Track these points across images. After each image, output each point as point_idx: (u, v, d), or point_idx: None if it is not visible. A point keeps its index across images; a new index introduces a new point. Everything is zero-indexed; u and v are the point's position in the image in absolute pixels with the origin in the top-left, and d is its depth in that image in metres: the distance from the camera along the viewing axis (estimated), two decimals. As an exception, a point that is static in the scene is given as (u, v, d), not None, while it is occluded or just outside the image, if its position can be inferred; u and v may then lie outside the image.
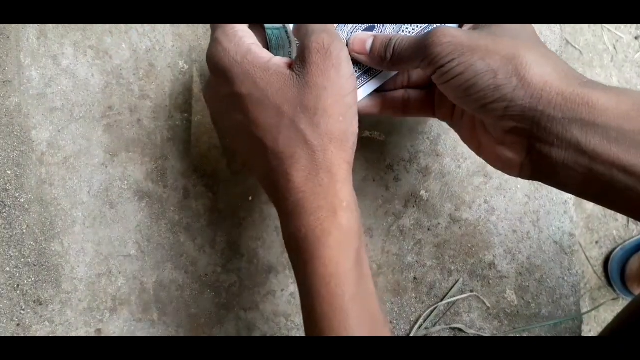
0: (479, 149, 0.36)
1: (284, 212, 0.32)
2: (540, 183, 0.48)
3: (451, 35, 0.31)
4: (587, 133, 0.29)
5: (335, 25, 0.36)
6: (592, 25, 0.58)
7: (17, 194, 0.43)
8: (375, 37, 0.35)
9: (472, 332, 0.46)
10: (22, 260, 0.43)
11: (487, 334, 0.47)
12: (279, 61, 0.32)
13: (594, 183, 0.30)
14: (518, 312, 0.47)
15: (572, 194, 0.33)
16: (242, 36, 0.32)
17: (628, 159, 0.28)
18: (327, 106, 0.30)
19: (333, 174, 0.31)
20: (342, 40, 0.33)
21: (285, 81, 0.31)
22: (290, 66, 0.31)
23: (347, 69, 0.31)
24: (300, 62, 0.31)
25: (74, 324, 0.43)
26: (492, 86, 0.30)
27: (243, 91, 0.31)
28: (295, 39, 0.34)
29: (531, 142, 0.31)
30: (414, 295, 0.46)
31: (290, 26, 0.34)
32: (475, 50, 0.30)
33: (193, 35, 0.45)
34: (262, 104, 0.31)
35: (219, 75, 0.32)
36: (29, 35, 0.44)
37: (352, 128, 0.32)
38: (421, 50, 0.32)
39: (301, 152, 0.30)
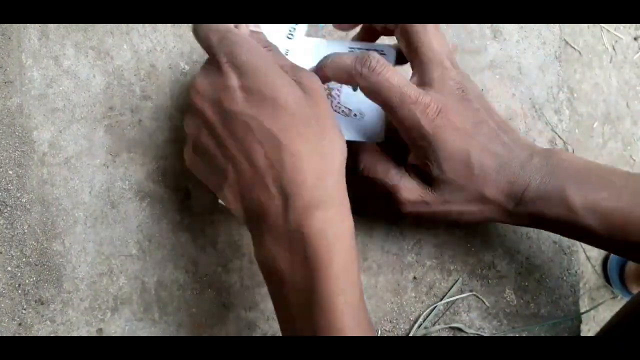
0: None
1: (284, 205, 0.31)
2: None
3: (411, 202, 0.38)
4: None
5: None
6: (591, 25, 0.59)
7: (19, 194, 0.43)
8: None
9: (471, 331, 0.47)
10: (24, 260, 0.43)
11: (486, 333, 0.47)
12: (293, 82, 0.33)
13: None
14: (517, 311, 0.47)
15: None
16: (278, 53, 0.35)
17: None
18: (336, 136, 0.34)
19: (342, 180, 0.33)
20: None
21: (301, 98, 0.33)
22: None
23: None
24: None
25: (75, 323, 0.43)
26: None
27: (267, 92, 0.32)
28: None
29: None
30: (413, 294, 0.47)
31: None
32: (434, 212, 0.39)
33: (194, 37, 0.45)
34: (284, 109, 0.31)
35: (237, 67, 0.32)
36: (30, 35, 0.44)
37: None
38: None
39: (315, 155, 0.32)
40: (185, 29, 0.45)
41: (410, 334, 0.46)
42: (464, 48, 0.49)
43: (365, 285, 0.46)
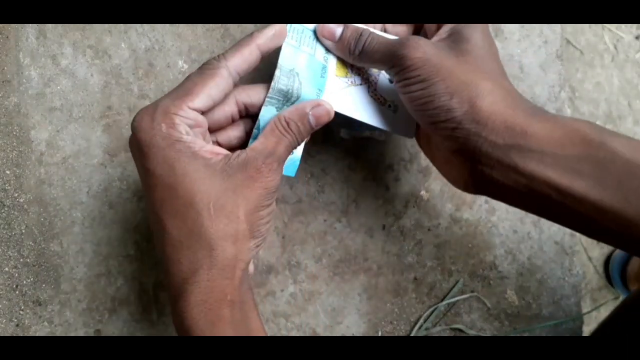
0: (433, 161, 0.39)
1: (172, 294, 0.32)
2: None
3: (423, 51, 0.32)
4: (525, 158, 0.31)
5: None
6: (592, 25, 0.58)
7: (16, 194, 0.43)
8: (345, 26, 0.36)
9: (472, 332, 0.46)
10: (21, 260, 0.43)
11: (487, 334, 0.46)
12: (210, 150, 0.32)
13: (534, 200, 0.32)
14: (519, 312, 0.47)
15: (519, 208, 0.35)
16: (179, 123, 0.31)
17: (562, 181, 0.30)
18: (241, 210, 0.31)
19: (226, 271, 0.31)
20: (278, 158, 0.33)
21: (208, 174, 0.31)
22: (221, 160, 0.31)
23: (273, 181, 0.32)
24: (237, 163, 0.31)
25: (73, 324, 0.43)
26: (445, 107, 0.32)
27: (154, 170, 0.31)
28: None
29: (474, 164, 0.33)
30: (414, 295, 0.46)
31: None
32: (439, 70, 0.32)
33: (192, 35, 0.45)
34: (172, 189, 0.30)
35: (133, 142, 0.32)
36: (28, 34, 0.44)
37: (260, 229, 0.32)
38: (391, 58, 0.33)
39: (199, 247, 0.30)
40: (184, 28, 0.45)
41: (411, 335, 0.46)
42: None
43: (366, 286, 0.46)
